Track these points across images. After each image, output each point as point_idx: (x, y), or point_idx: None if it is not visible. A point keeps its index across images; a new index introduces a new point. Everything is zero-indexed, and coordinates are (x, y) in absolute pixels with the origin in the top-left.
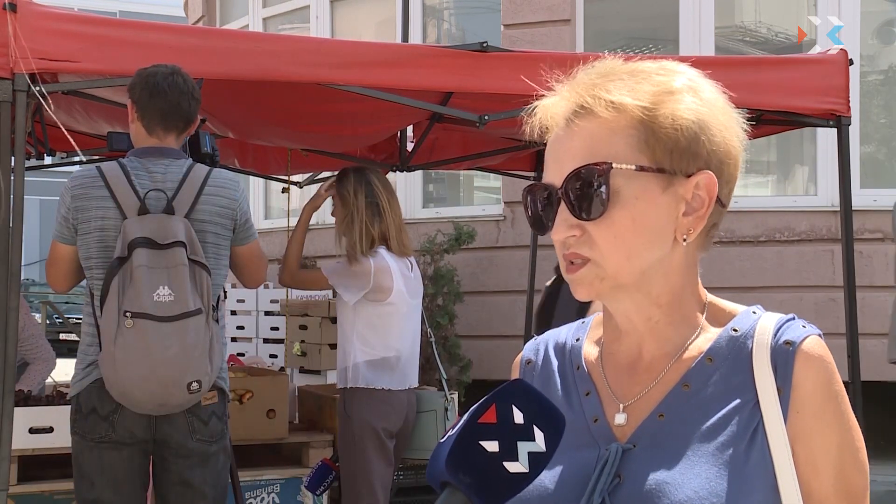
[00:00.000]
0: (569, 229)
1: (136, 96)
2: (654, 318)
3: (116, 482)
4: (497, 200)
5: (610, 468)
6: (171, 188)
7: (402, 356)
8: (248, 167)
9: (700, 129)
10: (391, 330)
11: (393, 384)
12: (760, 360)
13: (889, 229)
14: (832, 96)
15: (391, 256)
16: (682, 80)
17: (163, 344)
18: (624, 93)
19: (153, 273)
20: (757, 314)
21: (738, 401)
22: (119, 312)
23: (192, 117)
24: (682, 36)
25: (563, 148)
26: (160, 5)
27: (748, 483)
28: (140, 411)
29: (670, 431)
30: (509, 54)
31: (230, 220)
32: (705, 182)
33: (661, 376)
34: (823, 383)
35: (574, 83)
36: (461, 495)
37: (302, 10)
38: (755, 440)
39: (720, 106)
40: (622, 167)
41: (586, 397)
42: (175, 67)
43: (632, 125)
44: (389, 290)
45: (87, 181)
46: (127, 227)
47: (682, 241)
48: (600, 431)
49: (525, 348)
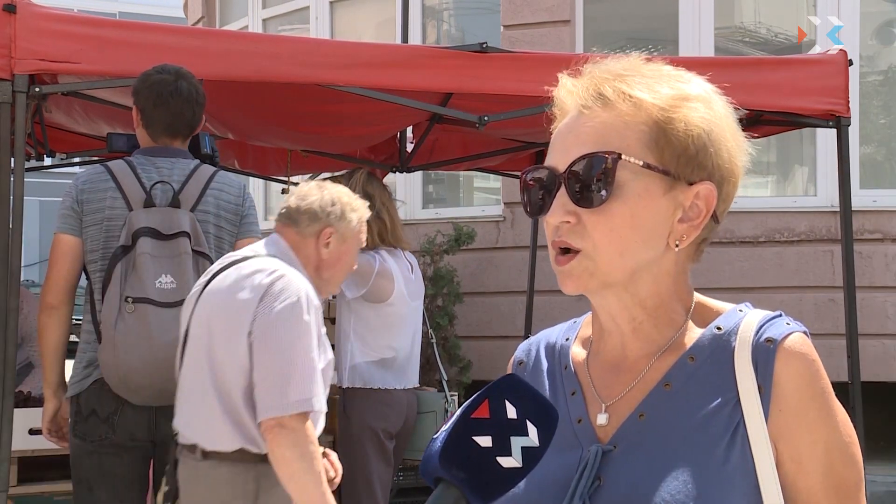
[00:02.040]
0: (565, 214)
1: (141, 104)
2: (637, 319)
3: (116, 488)
4: (497, 201)
5: (590, 471)
6: (177, 182)
7: (401, 356)
8: (248, 168)
9: (709, 141)
10: (390, 330)
11: (392, 384)
12: (742, 357)
13: (889, 229)
14: (832, 97)
15: (392, 258)
16: (698, 90)
17: (163, 328)
18: (644, 90)
19: (156, 261)
20: (743, 312)
21: (718, 400)
22: (121, 298)
23: (197, 123)
24: (681, 36)
25: (573, 134)
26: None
27: (727, 483)
28: (139, 401)
29: (651, 432)
30: (509, 55)
31: (236, 215)
32: (705, 193)
33: (642, 375)
34: (806, 381)
35: (594, 72)
36: (455, 490)
37: (301, 11)
38: (735, 439)
39: (730, 124)
40: (630, 160)
41: (572, 397)
42: (180, 70)
43: (646, 122)
44: (390, 293)
45: (95, 176)
46: (132, 217)
47: (673, 246)
48: (583, 432)
49: (518, 349)
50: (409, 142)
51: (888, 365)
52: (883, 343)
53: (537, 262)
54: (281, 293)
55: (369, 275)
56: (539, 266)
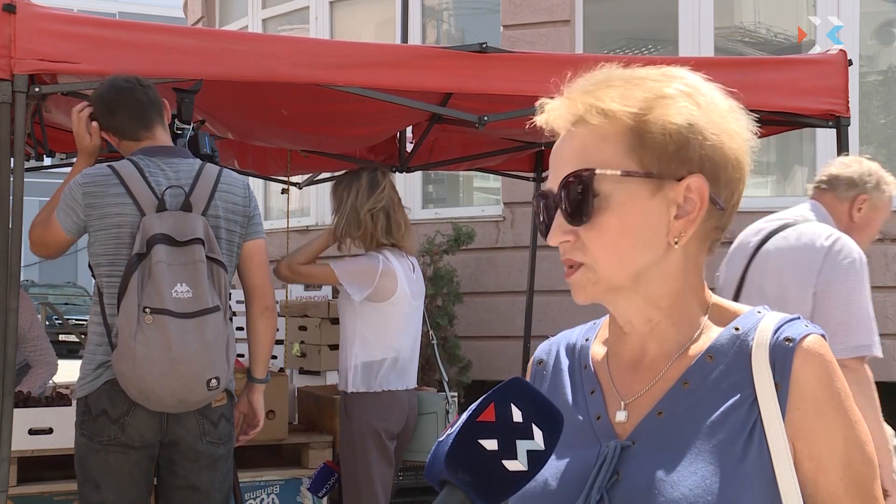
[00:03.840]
0: (563, 235)
1: (105, 123)
2: (654, 320)
3: (122, 486)
4: (496, 201)
5: (608, 465)
6: (186, 185)
7: (402, 356)
8: (248, 168)
9: (691, 133)
10: (392, 330)
11: (393, 385)
12: (759, 356)
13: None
14: (831, 97)
15: (395, 258)
16: (678, 86)
17: (183, 340)
18: (615, 100)
19: (172, 270)
20: (761, 314)
21: (736, 397)
22: (139, 308)
23: (158, 101)
24: (681, 36)
25: (559, 155)
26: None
27: (745, 479)
28: (158, 409)
29: (669, 429)
30: (509, 55)
31: (243, 216)
32: (696, 185)
33: (661, 374)
34: (824, 380)
35: (571, 91)
36: (460, 493)
37: (301, 11)
38: (753, 437)
39: (719, 110)
40: (607, 172)
41: (591, 395)
42: (110, 77)
43: (621, 132)
44: (392, 293)
45: (101, 179)
46: (146, 223)
47: (673, 243)
48: (602, 429)
49: (538, 349)
50: (408, 142)
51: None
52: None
53: (537, 262)
54: (840, 252)
55: (374, 275)
56: (539, 266)
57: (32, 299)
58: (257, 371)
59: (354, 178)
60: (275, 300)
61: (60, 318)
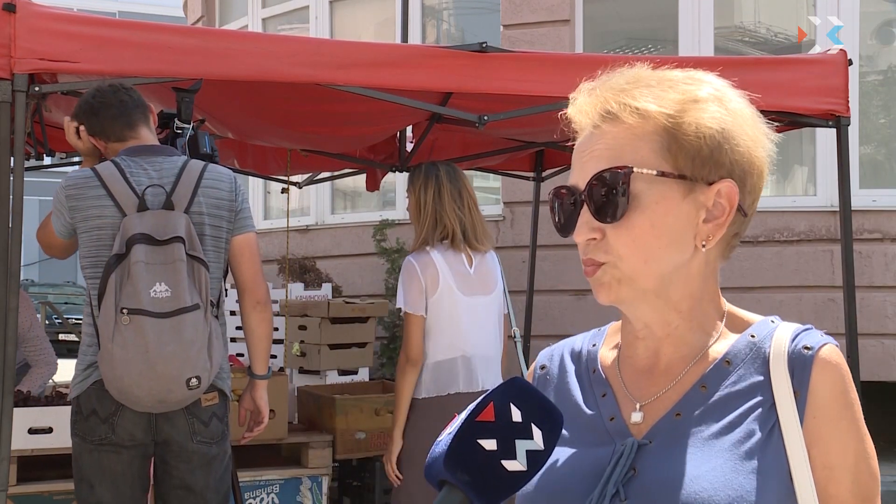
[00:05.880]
0: (590, 232)
1: (91, 129)
2: (673, 324)
3: (116, 485)
4: (496, 201)
5: (625, 461)
6: (168, 183)
7: (469, 356)
8: (248, 167)
9: (724, 139)
10: (448, 329)
11: (460, 387)
12: (777, 363)
13: (889, 229)
14: (831, 96)
15: (443, 253)
16: (709, 90)
17: (160, 340)
18: (650, 100)
19: (150, 269)
20: (775, 323)
21: (754, 401)
22: (116, 309)
23: (141, 102)
24: (681, 36)
25: (588, 152)
26: (159, 6)
27: (761, 482)
28: (139, 409)
29: (686, 429)
30: (509, 55)
31: (229, 211)
32: (727, 190)
33: (679, 378)
34: (841, 390)
35: (601, 88)
36: (459, 493)
37: (301, 11)
38: (771, 439)
39: (746, 116)
40: (643, 171)
41: (602, 398)
42: (95, 85)
43: (655, 132)
44: (436, 288)
45: (81, 181)
46: (126, 223)
47: (701, 247)
48: (616, 429)
49: (540, 355)
50: (408, 141)
51: (888, 365)
52: (882, 343)
53: (537, 262)
54: None
55: (417, 276)
56: (539, 266)
57: (32, 299)
58: (257, 367)
59: (415, 174)
60: (268, 294)
61: (60, 317)
